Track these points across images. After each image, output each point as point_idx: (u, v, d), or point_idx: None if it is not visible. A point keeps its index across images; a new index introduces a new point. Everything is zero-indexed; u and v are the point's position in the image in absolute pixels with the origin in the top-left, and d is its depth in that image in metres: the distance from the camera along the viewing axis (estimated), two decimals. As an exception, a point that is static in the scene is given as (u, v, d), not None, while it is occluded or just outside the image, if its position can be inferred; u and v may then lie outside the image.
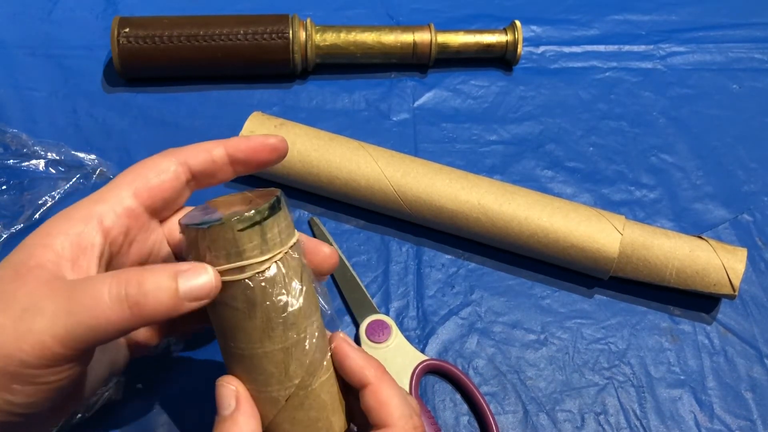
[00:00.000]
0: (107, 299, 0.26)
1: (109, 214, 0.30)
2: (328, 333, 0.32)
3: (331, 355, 0.31)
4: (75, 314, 0.26)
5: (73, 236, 0.28)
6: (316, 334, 0.30)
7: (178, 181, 0.32)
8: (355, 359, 0.31)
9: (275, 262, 0.29)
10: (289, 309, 0.29)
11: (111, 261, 0.31)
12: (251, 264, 0.28)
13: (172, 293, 0.27)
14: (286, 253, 0.29)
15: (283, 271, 0.29)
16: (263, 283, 0.28)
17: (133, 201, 0.31)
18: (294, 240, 0.30)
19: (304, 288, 0.30)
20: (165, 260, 0.34)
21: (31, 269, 0.27)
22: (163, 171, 0.31)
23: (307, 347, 0.30)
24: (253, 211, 0.28)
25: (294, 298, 0.29)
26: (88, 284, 0.27)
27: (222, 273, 0.28)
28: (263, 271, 0.28)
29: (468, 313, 0.45)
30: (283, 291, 0.29)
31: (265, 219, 0.28)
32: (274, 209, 0.29)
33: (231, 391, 0.30)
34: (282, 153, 0.34)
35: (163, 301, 0.27)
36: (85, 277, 0.28)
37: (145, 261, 0.33)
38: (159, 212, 0.33)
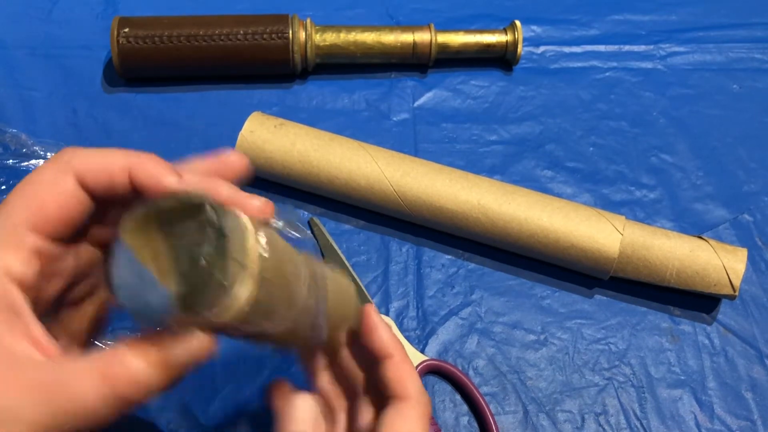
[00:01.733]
0: (93, 398, 0.23)
1: (14, 263, 0.25)
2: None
3: (362, 324, 0.32)
4: (59, 417, 0.23)
5: None
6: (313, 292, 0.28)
7: (82, 206, 0.26)
8: (384, 332, 0.32)
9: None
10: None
11: (38, 297, 0.27)
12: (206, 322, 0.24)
13: (164, 373, 0.24)
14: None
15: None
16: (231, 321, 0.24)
17: (35, 239, 0.25)
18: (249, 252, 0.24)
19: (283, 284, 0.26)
20: (99, 267, 0.30)
21: None
22: (62, 194, 0.26)
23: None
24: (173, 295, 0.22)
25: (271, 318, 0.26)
26: (68, 378, 0.23)
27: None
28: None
29: (468, 313, 0.45)
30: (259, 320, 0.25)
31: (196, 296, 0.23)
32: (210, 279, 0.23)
33: (307, 404, 0.33)
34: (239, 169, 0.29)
35: (154, 385, 0.24)
36: (60, 362, 0.24)
37: (76, 279, 0.29)
38: (72, 235, 0.27)
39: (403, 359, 0.32)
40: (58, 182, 0.25)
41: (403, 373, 0.31)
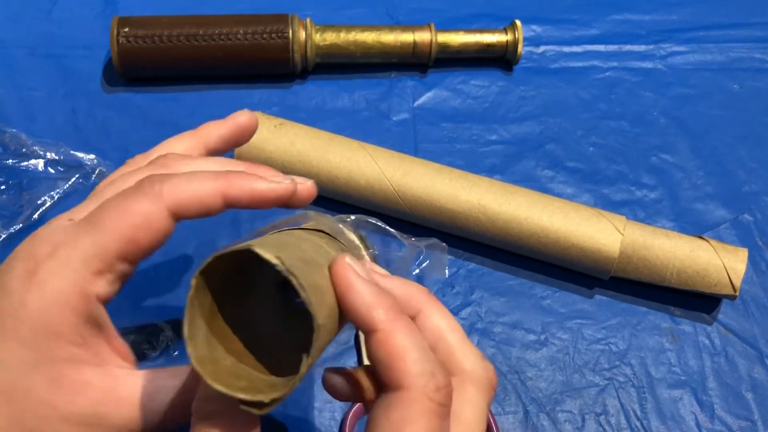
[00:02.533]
0: (171, 406, 0.27)
1: (104, 287, 0.27)
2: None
3: (333, 283, 0.25)
4: (142, 423, 0.26)
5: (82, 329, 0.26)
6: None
7: (167, 236, 0.28)
8: (362, 293, 0.24)
9: None
10: None
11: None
12: None
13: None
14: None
15: None
16: None
17: (123, 266, 0.27)
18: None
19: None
20: None
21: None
22: (155, 231, 0.27)
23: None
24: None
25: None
26: (152, 388, 0.27)
27: None
28: None
29: (468, 313, 0.45)
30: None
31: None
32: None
33: None
34: (253, 128, 0.34)
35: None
36: (144, 374, 0.27)
37: None
38: None
39: (395, 330, 0.23)
40: (152, 218, 0.26)
41: (394, 350, 0.23)
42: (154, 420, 0.26)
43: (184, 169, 0.29)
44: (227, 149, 0.34)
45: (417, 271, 0.29)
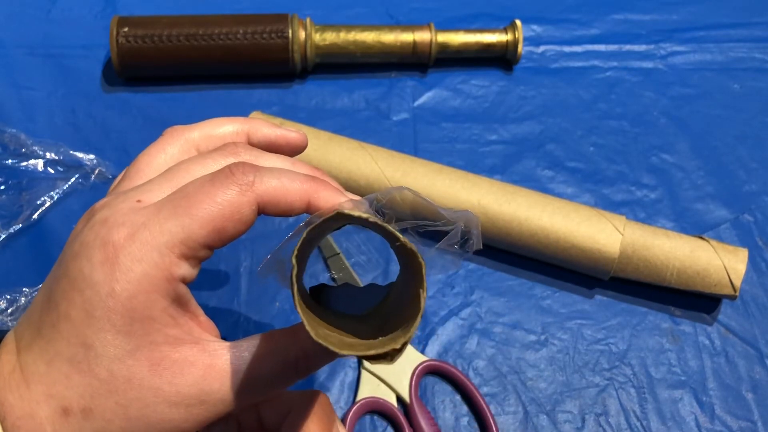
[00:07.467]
0: (268, 371, 0.27)
1: (188, 271, 0.27)
2: None
3: None
4: (243, 392, 0.27)
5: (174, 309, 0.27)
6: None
7: (252, 224, 0.28)
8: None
9: None
10: None
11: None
12: None
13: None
14: None
15: None
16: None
17: (206, 253, 0.27)
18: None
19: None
20: None
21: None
22: (241, 221, 0.27)
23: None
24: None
25: None
26: (246, 358, 0.27)
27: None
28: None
29: (468, 313, 0.45)
30: None
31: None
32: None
33: None
34: (300, 148, 0.33)
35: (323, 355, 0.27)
36: (235, 344, 0.28)
37: None
38: None
39: None
40: (242, 210, 0.26)
41: None
42: (255, 390, 0.27)
43: (265, 164, 0.29)
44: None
45: (459, 248, 0.29)
